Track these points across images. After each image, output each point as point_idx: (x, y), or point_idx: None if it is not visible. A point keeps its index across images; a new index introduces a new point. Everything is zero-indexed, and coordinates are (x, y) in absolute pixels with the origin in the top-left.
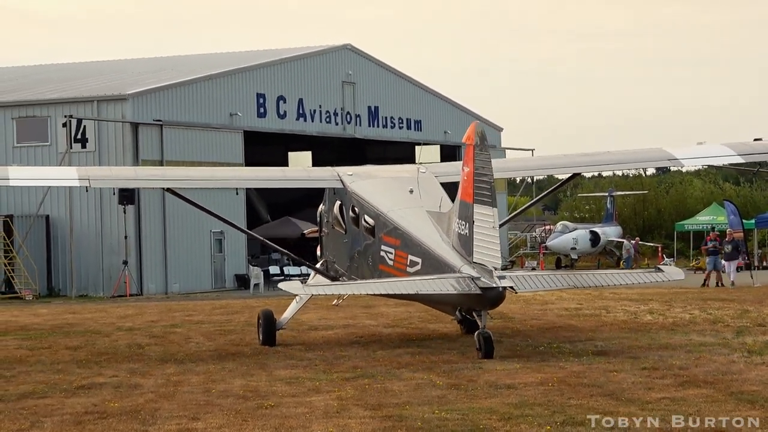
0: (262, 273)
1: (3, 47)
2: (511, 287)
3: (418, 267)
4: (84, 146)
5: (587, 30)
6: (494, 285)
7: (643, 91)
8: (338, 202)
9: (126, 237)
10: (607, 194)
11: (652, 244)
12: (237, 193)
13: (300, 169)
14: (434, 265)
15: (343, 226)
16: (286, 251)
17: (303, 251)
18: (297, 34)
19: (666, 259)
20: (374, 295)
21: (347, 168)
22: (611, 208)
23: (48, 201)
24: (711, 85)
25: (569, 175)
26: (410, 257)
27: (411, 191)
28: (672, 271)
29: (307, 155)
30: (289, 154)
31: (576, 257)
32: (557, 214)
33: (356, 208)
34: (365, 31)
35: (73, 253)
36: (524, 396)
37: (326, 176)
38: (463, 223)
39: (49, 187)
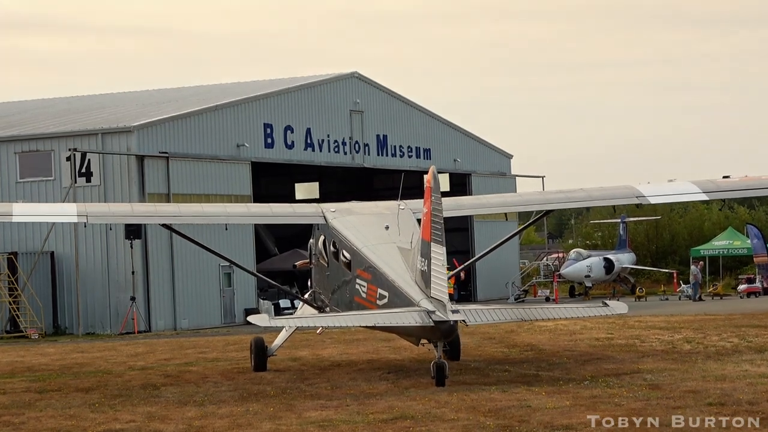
0: (272, 306)
1: (4, 86)
2: (463, 320)
3: (386, 300)
4: (89, 180)
5: (599, 59)
6: (446, 318)
7: (656, 118)
8: (322, 237)
9: (133, 272)
10: (619, 220)
11: (666, 271)
12: (226, 229)
13: (286, 206)
14: (398, 299)
15: (326, 259)
16: (275, 283)
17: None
18: (303, 63)
19: (683, 285)
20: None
21: (331, 204)
22: (624, 234)
23: (53, 237)
24: (726, 113)
25: (543, 211)
26: (379, 291)
27: (387, 227)
28: (616, 306)
29: (315, 186)
30: (296, 185)
31: (590, 285)
32: (561, 242)
33: (336, 244)
34: (372, 60)
35: (79, 289)
36: None
37: (310, 212)
38: (423, 260)
39: (54, 223)
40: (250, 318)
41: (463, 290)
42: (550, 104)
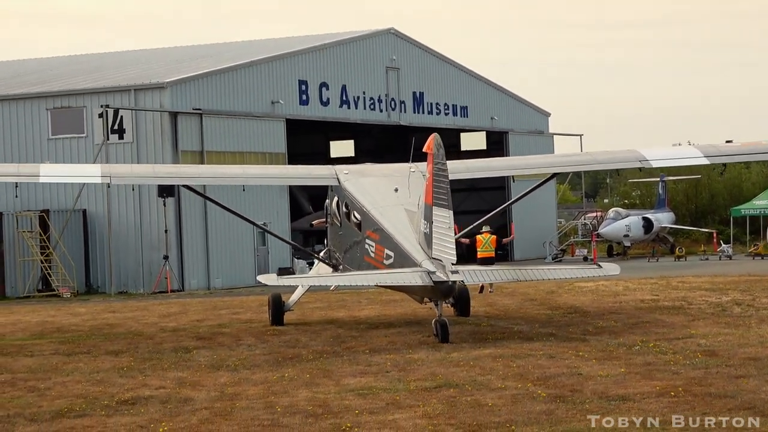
0: (307, 266)
1: (36, 43)
2: (462, 281)
3: (392, 260)
4: (121, 137)
5: (637, 17)
6: (445, 279)
7: (698, 77)
8: (336, 198)
9: (166, 231)
10: (658, 179)
11: (706, 230)
12: (244, 190)
13: (302, 168)
14: (403, 259)
15: (339, 219)
16: (291, 242)
17: None
18: (340, 19)
19: (723, 245)
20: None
21: (344, 166)
22: (663, 193)
23: (85, 195)
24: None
25: (549, 174)
26: (386, 251)
27: (396, 190)
28: (609, 267)
29: (350, 144)
30: (331, 143)
31: (629, 244)
32: (596, 201)
33: (348, 205)
34: (409, 16)
35: (111, 248)
36: (648, 411)
37: (325, 174)
38: (425, 223)
39: None
40: (259, 277)
41: (500, 250)
42: (589, 62)
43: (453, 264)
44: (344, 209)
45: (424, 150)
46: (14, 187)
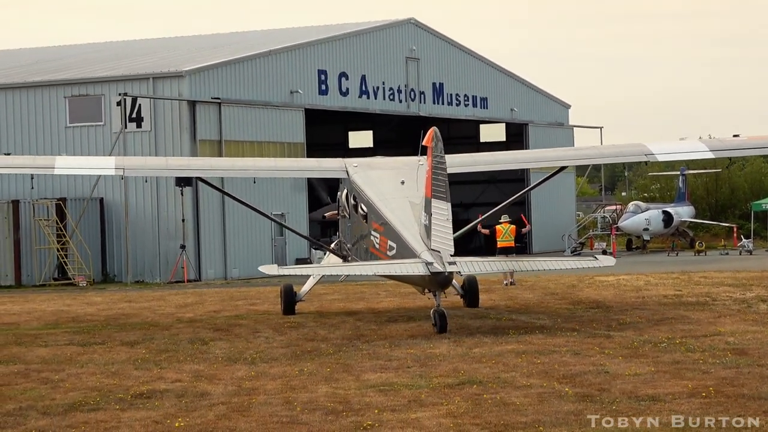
0: (324, 256)
1: (56, 31)
2: (458, 272)
3: (394, 252)
4: (139, 126)
5: (658, 9)
6: (442, 270)
7: (717, 70)
8: (345, 190)
9: (183, 220)
10: (678, 173)
11: (726, 225)
12: (254, 182)
13: (312, 160)
14: (404, 250)
15: (348, 211)
16: (303, 234)
17: None
18: (359, 9)
19: (744, 240)
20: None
21: (354, 159)
22: (683, 187)
23: (102, 183)
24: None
25: (557, 168)
26: (389, 242)
27: (402, 182)
28: (605, 259)
29: (368, 134)
30: (350, 133)
31: (648, 238)
32: (614, 194)
33: (356, 197)
34: (429, 5)
35: (128, 237)
36: (680, 412)
37: (335, 167)
38: (425, 215)
39: None
40: (261, 268)
41: (519, 242)
42: (611, 55)
43: (451, 255)
44: (352, 201)
45: (423, 144)
46: (30, 179)
